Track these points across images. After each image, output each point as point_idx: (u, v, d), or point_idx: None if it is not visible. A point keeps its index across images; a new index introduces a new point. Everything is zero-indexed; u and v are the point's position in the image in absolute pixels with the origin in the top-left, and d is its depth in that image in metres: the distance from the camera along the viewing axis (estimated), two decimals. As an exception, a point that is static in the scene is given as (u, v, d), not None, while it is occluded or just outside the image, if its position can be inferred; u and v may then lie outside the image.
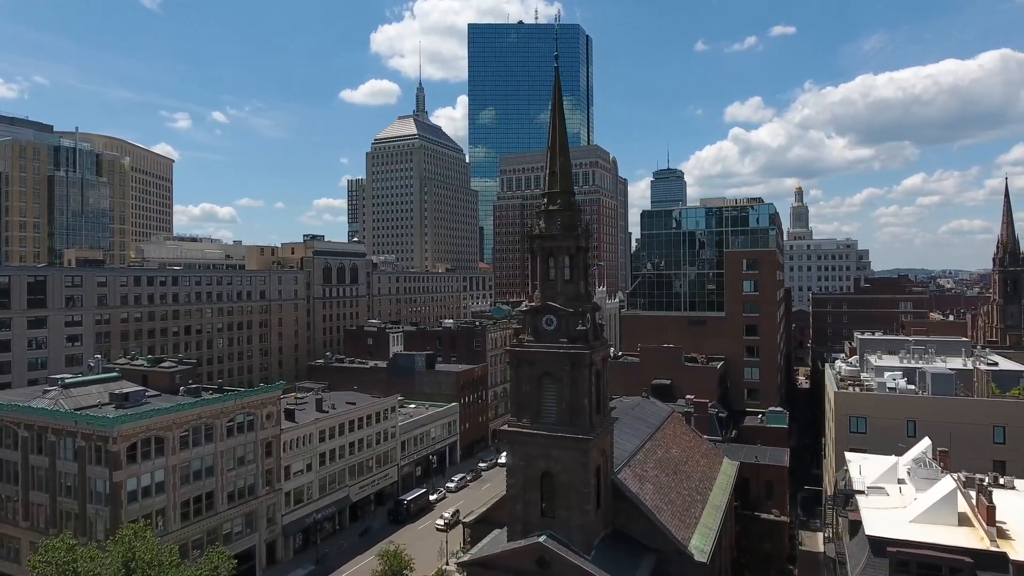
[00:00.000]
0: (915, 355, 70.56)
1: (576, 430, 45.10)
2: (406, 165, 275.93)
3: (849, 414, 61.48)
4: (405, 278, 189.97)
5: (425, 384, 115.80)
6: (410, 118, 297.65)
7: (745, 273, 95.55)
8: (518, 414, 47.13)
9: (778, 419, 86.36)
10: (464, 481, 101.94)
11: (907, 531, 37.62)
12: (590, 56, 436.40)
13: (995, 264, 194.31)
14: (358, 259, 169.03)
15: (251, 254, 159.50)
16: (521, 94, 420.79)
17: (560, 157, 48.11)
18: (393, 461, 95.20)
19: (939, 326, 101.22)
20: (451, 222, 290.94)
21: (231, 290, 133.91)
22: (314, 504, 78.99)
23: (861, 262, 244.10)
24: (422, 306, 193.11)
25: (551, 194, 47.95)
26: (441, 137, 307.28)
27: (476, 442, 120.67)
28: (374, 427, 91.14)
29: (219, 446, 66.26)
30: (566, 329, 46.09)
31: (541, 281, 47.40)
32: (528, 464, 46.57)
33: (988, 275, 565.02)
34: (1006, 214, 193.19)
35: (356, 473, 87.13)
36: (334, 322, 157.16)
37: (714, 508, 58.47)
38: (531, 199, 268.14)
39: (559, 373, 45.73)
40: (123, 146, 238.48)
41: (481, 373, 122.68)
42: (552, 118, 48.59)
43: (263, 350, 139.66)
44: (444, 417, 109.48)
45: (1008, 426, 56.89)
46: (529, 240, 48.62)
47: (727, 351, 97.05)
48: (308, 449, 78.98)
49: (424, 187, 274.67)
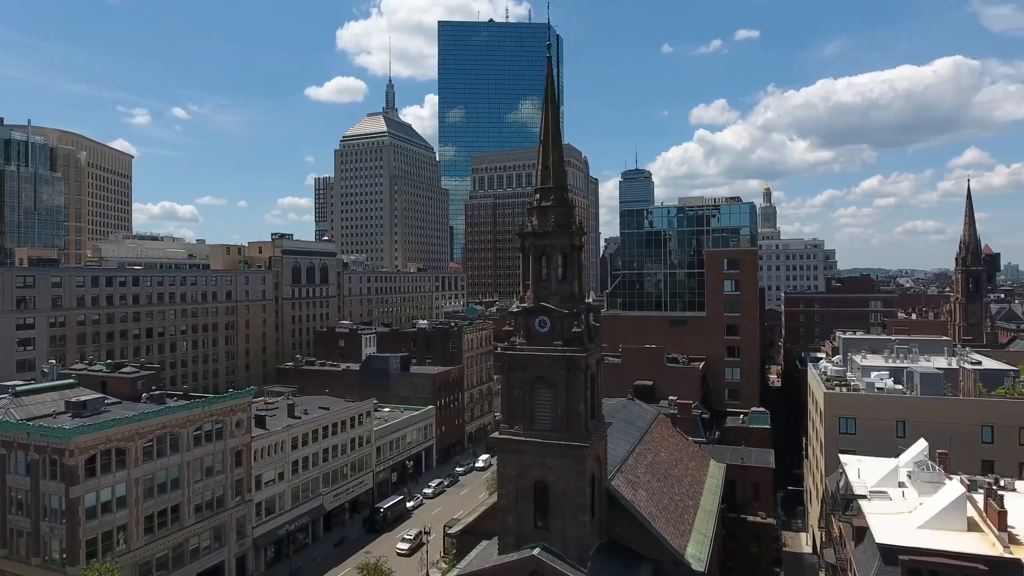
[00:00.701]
0: (899, 355, 70.46)
1: (572, 437, 43.03)
2: (376, 163, 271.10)
3: (839, 415, 60.81)
4: (376, 278, 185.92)
5: (400, 387, 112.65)
6: (380, 115, 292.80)
7: (726, 273, 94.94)
8: (510, 421, 44.86)
9: (761, 419, 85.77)
10: (442, 487, 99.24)
11: (916, 538, 36.47)
12: (561, 56, 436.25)
13: (958, 263, 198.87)
14: (328, 258, 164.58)
15: (216, 253, 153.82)
16: (491, 93, 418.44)
17: (553, 151, 45.95)
18: (368, 467, 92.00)
19: (919, 325, 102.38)
20: (421, 221, 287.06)
21: (195, 291, 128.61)
22: (287, 515, 75.46)
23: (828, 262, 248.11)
24: (393, 307, 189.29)
25: (543, 190, 45.75)
26: (411, 135, 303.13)
27: (453, 445, 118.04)
28: (349, 432, 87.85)
29: (185, 456, 62.44)
30: (560, 331, 43.98)
31: (534, 281, 45.17)
32: (521, 473, 44.32)
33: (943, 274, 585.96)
34: (968, 215, 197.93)
35: (330, 481, 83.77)
36: (304, 323, 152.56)
37: (706, 513, 57.09)
38: (503, 198, 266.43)
39: (554, 377, 43.60)
40: (79, 141, 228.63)
41: (457, 375, 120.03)
42: (544, 111, 46.46)
43: (229, 353, 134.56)
44: (420, 421, 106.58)
45: (996, 426, 56.79)
46: (520, 238, 46.35)
47: (708, 351, 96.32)
48: (280, 457, 75.41)
49: (394, 185, 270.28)
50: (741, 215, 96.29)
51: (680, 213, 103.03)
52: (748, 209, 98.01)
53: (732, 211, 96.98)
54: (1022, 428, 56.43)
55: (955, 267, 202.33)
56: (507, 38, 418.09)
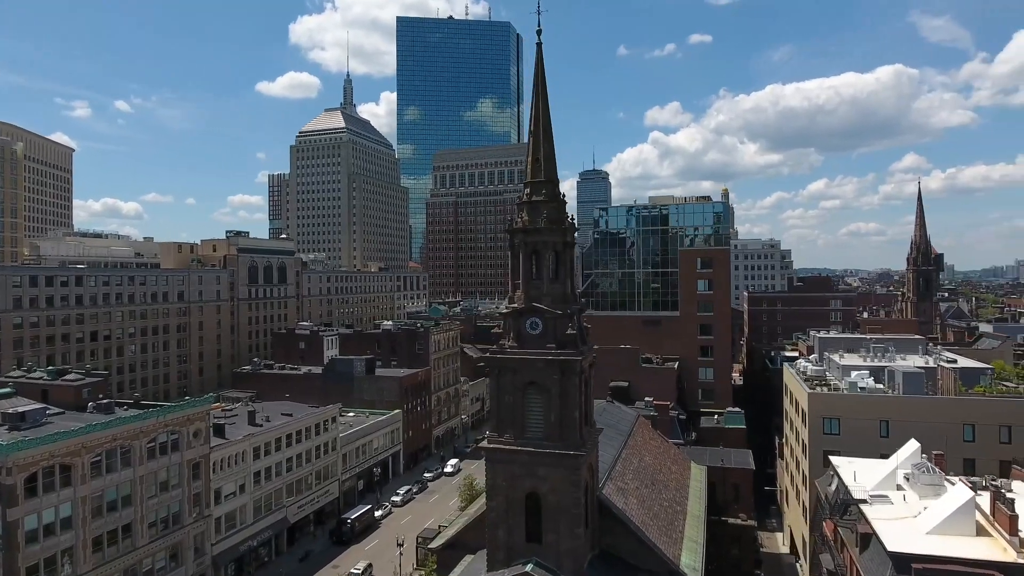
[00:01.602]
0: (875, 354, 70.57)
1: (566, 445, 40.62)
2: (333, 159, 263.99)
3: (823, 415, 60.16)
4: (337, 278, 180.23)
5: (365, 390, 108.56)
6: (337, 111, 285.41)
7: (699, 272, 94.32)
8: (499, 428, 42.17)
9: (736, 420, 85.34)
10: (411, 494, 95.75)
11: (926, 544, 35.37)
12: (521, 55, 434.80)
13: (909, 263, 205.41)
14: (287, 257, 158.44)
15: (167, 251, 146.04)
16: (450, 91, 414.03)
17: (544, 143, 43.47)
18: (334, 476, 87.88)
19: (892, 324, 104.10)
20: (381, 220, 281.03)
21: (144, 291, 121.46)
22: (248, 529, 70.96)
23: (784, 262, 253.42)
24: (354, 307, 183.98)
25: (534, 183, 43.21)
26: (370, 132, 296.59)
27: (420, 450, 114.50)
28: (314, 440, 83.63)
29: (138, 471, 57.60)
30: (553, 333, 41.54)
31: (524, 280, 42.59)
32: (511, 484, 41.68)
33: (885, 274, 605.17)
34: (919, 216, 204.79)
35: (294, 491, 79.46)
36: (261, 325, 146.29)
37: (694, 519, 55.60)
38: (465, 196, 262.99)
39: (547, 382, 41.11)
40: (14, 131, 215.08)
41: (425, 377, 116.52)
42: (534, 101, 43.87)
43: (182, 357, 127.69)
44: (387, 425, 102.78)
45: (977, 424, 56.94)
46: (509, 234, 43.72)
47: (682, 351, 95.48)
48: (241, 468, 70.86)
49: (353, 183, 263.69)
50: (714, 214, 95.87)
51: (651, 212, 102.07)
52: (721, 208, 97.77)
53: (705, 210, 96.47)
54: (1002, 426, 56.71)
55: (907, 267, 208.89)
56: (466, 36, 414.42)
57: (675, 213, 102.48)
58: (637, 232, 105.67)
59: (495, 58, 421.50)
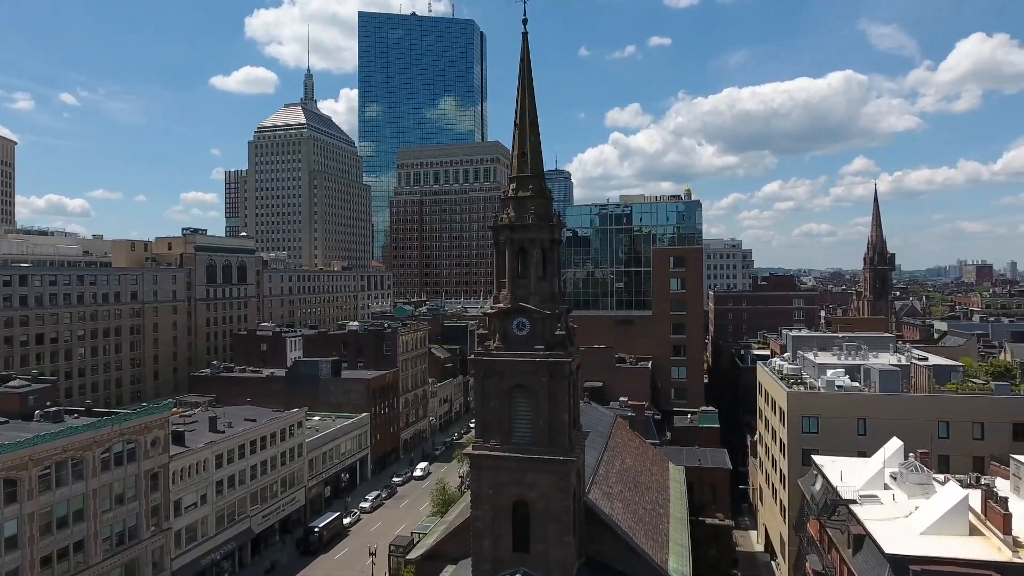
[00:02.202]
0: (848, 352, 71.16)
1: (555, 451, 39.11)
2: (294, 156, 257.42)
3: (802, 414, 60.12)
4: (299, 277, 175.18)
5: (331, 393, 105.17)
6: (298, 106, 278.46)
7: (672, 271, 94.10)
8: (485, 434, 40.38)
9: (710, 419, 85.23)
10: (379, 499, 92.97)
11: (921, 545, 34.98)
12: (484, 53, 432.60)
13: (866, 263, 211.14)
14: (247, 256, 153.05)
15: (119, 250, 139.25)
16: (411, 89, 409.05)
17: (531, 136, 41.87)
18: (300, 483, 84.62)
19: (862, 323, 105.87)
20: (343, 218, 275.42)
21: (95, 291, 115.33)
22: (210, 541, 67.42)
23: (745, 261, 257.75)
24: (317, 307, 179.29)
25: (520, 178, 41.56)
26: (332, 128, 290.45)
27: (388, 454, 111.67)
28: (279, 446, 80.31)
29: (91, 484, 53.84)
30: (542, 334, 39.96)
31: (511, 279, 40.89)
32: (497, 492, 39.95)
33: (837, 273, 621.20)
34: (875, 218, 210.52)
35: (259, 500, 76.06)
36: (220, 326, 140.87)
37: (678, 521, 54.81)
38: (430, 195, 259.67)
39: (535, 385, 39.52)
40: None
41: (393, 379, 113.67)
42: (520, 90, 42.21)
43: (135, 360, 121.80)
44: (355, 429, 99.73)
45: (952, 421, 57.60)
46: (494, 231, 41.97)
47: (655, 350, 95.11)
48: (202, 477, 67.28)
49: (314, 180, 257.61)
50: (688, 213, 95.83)
51: (626, 210, 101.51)
52: (694, 207, 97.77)
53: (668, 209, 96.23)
54: (975, 423, 57.49)
55: (864, 266, 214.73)
56: (429, 33, 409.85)
57: (639, 212, 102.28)
58: (604, 231, 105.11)
59: (458, 56, 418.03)
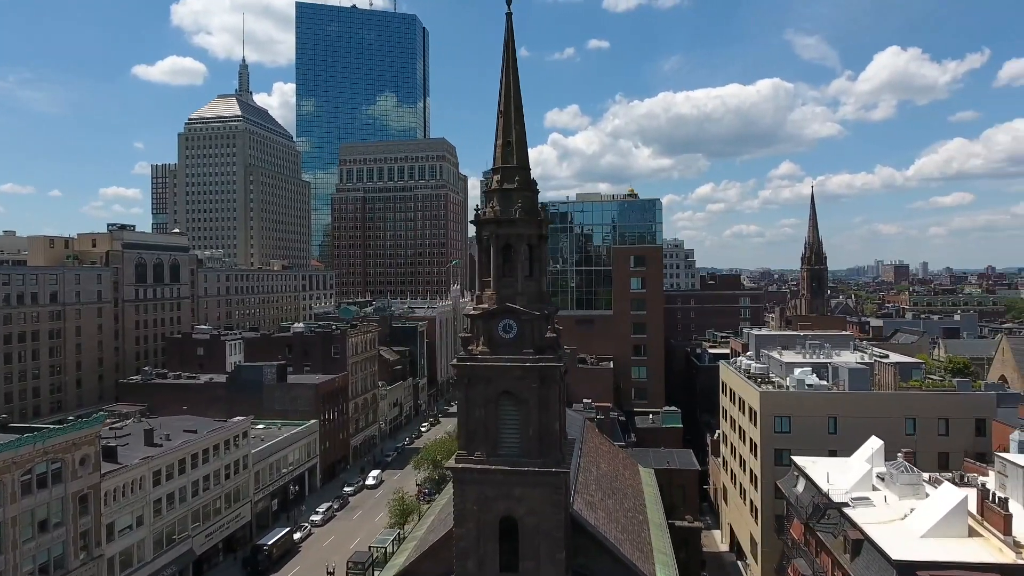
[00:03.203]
0: (811, 350, 71.61)
1: (546, 462, 36.51)
2: (228, 150, 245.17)
3: (775, 414, 59.66)
4: (237, 276, 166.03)
5: (276, 400, 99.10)
6: (232, 97, 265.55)
7: (633, 270, 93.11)
8: (469, 445, 37.32)
9: (673, 419, 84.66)
10: (331, 511, 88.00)
11: (925, 550, 34.13)
12: (427, 49, 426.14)
13: (803, 263, 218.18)
14: (180, 254, 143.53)
15: (36, 247, 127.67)
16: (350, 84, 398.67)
17: (516, 124, 39.06)
18: (246, 497, 78.90)
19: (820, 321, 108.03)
20: (280, 215, 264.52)
21: (8, 291, 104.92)
22: (148, 567, 61.45)
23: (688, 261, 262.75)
24: (256, 308, 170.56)
25: (506, 169, 38.65)
26: (269, 122, 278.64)
27: (337, 462, 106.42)
28: (222, 458, 74.47)
29: (9, 511, 47.59)
30: (531, 337, 37.25)
31: (496, 278, 37.99)
32: (483, 508, 36.99)
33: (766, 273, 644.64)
34: (812, 219, 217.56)
35: (201, 518, 70.17)
36: (151, 329, 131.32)
37: (657, 528, 53.15)
38: (374, 192, 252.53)
39: (524, 392, 36.76)
40: None
41: (342, 383, 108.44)
42: (504, 75, 39.32)
43: (56, 367, 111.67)
44: (303, 438, 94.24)
45: (919, 418, 58.29)
46: (477, 226, 38.94)
47: (615, 350, 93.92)
48: (138, 497, 61.22)
49: (250, 175, 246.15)
50: (648, 211, 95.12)
51: (586, 208, 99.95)
52: (655, 206, 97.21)
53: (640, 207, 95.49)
54: (940, 419, 58.39)
55: (801, 266, 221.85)
56: (370, 27, 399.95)
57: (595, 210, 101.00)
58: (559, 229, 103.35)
59: (400, 51, 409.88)
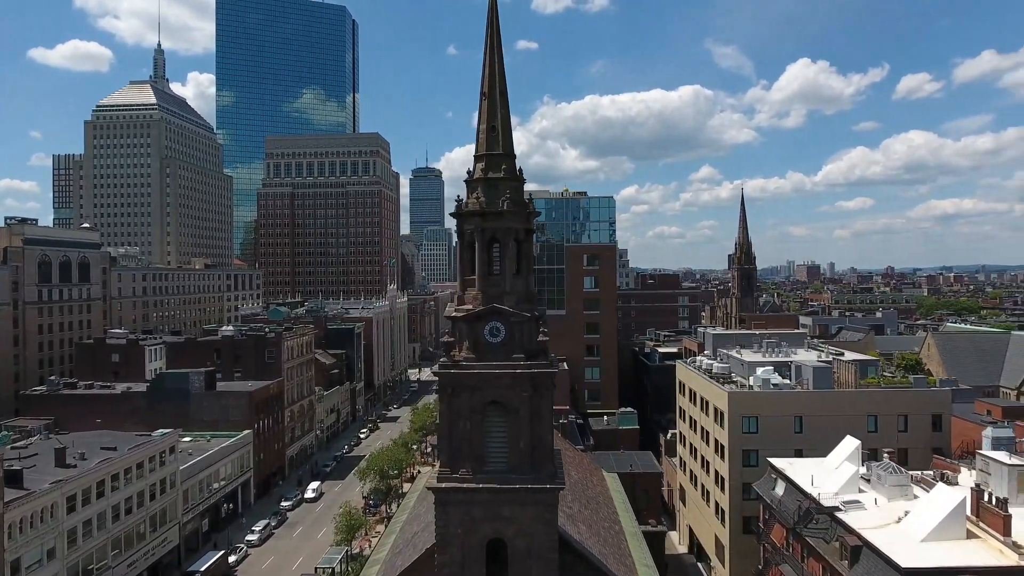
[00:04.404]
0: (769, 349, 71.67)
1: (539, 477, 33.28)
2: (142, 140, 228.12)
3: (743, 414, 58.80)
4: (155, 276, 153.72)
5: (205, 410, 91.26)
6: (147, 84, 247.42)
7: (586, 269, 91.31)
8: (452, 462, 33.56)
9: (630, 420, 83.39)
10: (268, 529, 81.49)
11: (929, 555, 33.18)
12: (356, 41, 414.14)
13: (734, 262, 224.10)
14: (90, 251, 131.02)
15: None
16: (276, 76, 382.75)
17: (501, 108, 35.69)
18: (174, 519, 71.64)
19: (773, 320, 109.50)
20: (200, 211, 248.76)
21: None
22: (61, 605, 54.00)
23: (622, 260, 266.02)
24: (176, 310, 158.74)
25: (491, 156, 35.17)
26: (188, 112, 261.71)
27: (273, 475, 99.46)
28: (147, 478, 67.17)
29: None
30: (520, 340, 33.90)
31: (481, 276, 34.41)
32: (469, 530, 33.36)
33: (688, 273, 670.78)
34: (742, 220, 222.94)
35: (123, 545, 62.84)
36: (57, 334, 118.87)
37: (634, 538, 50.91)
38: (302, 187, 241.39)
39: (515, 401, 33.38)
40: None
41: (277, 390, 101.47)
42: (488, 52, 35.85)
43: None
44: (236, 450, 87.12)
45: (880, 415, 58.84)
46: (458, 219, 35.27)
47: (567, 351, 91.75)
48: (49, 527, 53.75)
49: (166, 168, 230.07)
50: (601, 209, 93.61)
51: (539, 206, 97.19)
52: (608, 204, 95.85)
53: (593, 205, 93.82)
54: (899, 416, 59.14)
55: (732, 266, 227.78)
56: (296, 17, 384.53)
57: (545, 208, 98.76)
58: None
59: (328, 43, 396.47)
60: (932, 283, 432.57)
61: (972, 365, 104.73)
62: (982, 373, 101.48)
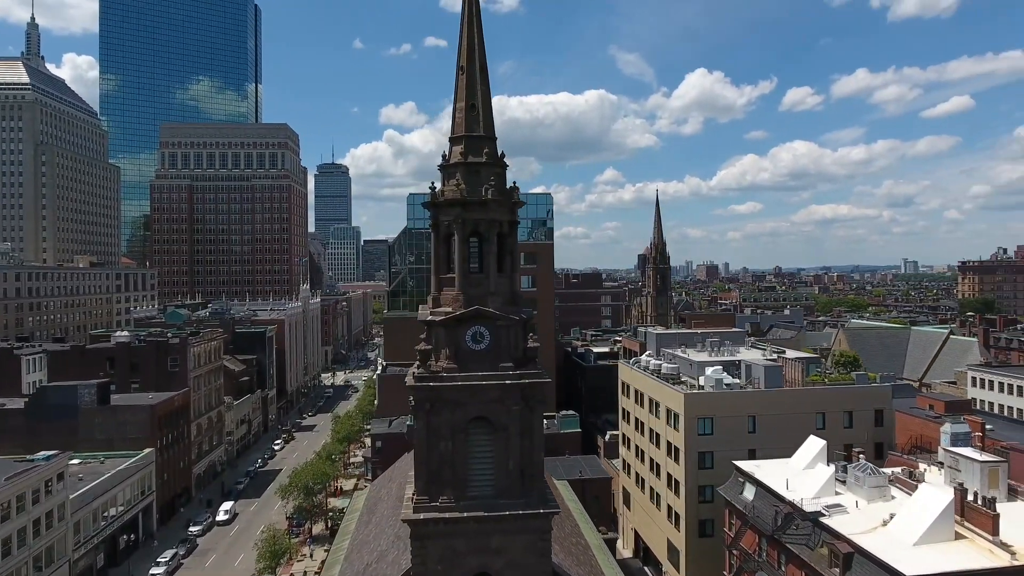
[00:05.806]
0: (713, 348, 71.37)
1: (530, 502, 29.56)
2: (12, 123, 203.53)
3: (698, 416, 57.58)
4: (30, 276, 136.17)
5: (98, 428, 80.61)
6: (18, 61, 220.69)
7: (522, 268, 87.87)
8: (431, 489, 29.17)
9: (571, 423, 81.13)
10: (176, 560, 72.69)
11: (926, 560, 32.30)
12: (259, 29, 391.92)
13: (649, 262, 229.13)
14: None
15: None
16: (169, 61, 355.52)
17: (481, 85, 31.59)
18: (63, 556, 61.98)
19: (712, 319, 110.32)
20: (82, 204, 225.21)
21: None
22: (-80, 675, 44.52)
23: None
24: (56, 314, 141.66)
25: (471, 139, 31.05)
26: (67, 94, 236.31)
27: (178, 496, 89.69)
28: (30, 511, 57.50)
29: None
30: (508, 347, 30.08)
31: (461, 274, 30.21)
32: (451, 566, 29.11)
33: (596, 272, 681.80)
34: (657, 221, 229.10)
35: (0, 594, 53.18)
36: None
37: (600, 552, 48.12)
38: (203, 180, 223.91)
39: (503, 417, 29.48)
40: None
41: (183, 402, 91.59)
42: (467, 24, 31.78)
43: None
44: (135, 472, 77.26)
45: (827, 412, 59.41)
46: (432, 209, 30.91)
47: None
48: (-96, 580, 44.09)
49: (42, 155, 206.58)
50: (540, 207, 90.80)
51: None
52: (547, 201, 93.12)
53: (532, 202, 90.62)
54: (844, 412, 59.99)
55: (647, 265, 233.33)
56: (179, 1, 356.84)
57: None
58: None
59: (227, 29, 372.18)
60: (819, 282, 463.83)
61: (879, 359, 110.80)
62: (887, 366, 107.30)
